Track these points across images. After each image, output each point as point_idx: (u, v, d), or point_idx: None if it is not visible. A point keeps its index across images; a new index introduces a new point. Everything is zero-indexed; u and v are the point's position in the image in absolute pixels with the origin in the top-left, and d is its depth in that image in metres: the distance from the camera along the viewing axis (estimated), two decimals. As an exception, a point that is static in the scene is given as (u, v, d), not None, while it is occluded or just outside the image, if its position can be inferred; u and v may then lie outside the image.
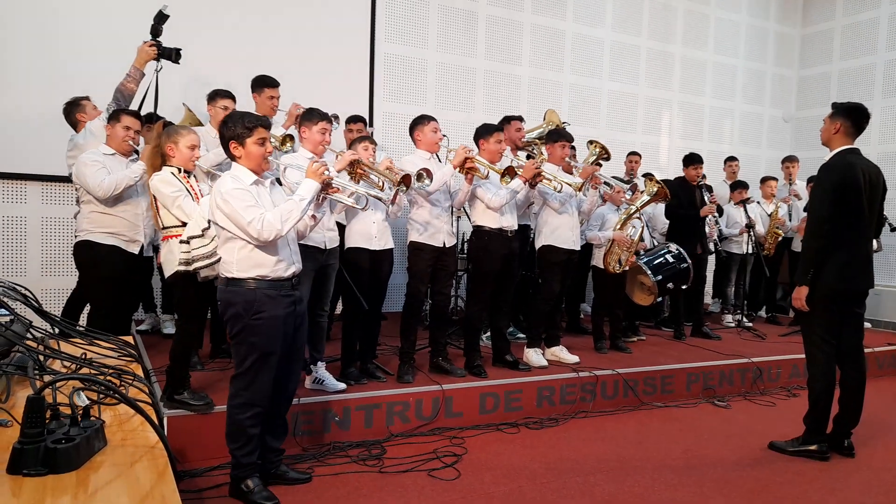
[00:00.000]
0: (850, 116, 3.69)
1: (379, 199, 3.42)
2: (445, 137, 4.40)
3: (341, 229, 4.05)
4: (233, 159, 2.83)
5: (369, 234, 4.02)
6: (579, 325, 6.20)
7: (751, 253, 6.83)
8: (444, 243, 4.23)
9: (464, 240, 5.98)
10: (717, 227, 6.53)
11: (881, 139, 8.35)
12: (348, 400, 3.76)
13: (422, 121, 4.25)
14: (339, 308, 4.49)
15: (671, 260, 5.59)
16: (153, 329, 5.24)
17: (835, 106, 3.78)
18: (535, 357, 4.69)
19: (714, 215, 6.31)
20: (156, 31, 4.25)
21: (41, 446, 1.27)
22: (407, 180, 3.56)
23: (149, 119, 4.24)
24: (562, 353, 4.86)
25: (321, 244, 3.72)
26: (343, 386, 3.83)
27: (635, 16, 8.27)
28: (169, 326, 5.13)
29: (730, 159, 7.52)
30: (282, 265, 2.82)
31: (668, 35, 8.53)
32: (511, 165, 4.30)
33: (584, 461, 3.59)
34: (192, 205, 3.25)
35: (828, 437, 3.79)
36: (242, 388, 2.82)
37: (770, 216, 7.00)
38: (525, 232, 5.14)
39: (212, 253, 3.08)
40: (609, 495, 3.17)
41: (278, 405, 3.00)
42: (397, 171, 3.69)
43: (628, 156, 7.06)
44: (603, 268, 5.34)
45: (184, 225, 3.24)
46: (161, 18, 4.25)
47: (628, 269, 5.35)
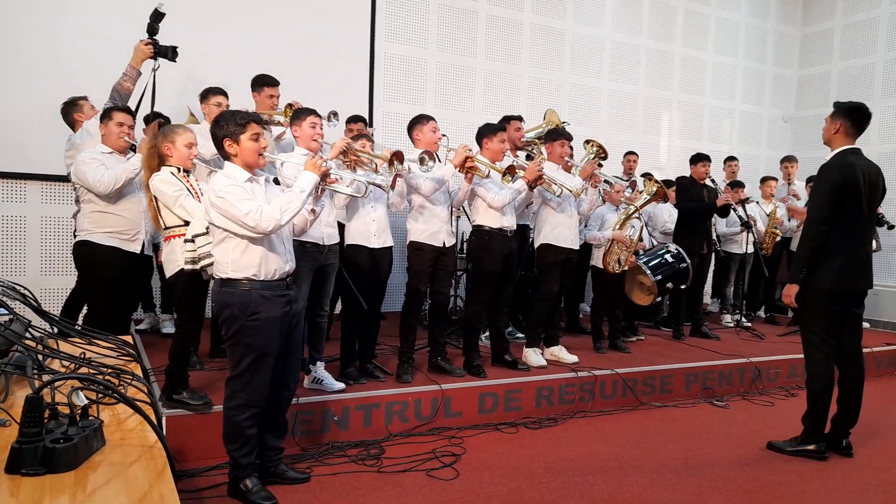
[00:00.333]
0: (849, 116, 3.69)
1: (379, 185, 3.40)
2: (445, 137, 4.40)
3: (341, 228, 4.05)
4: (227, 158, 2.82)
5: (368, 232, 4.02)
6: (578, 325, 6.21)
7: (750, 253, 6.84)
8: (444, 243, 4.23)
9: (463, 239, 5.98)
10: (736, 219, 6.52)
11: (881, 139, 8.35)
12: (347, 399, 3.76)
13: (420, 120, 4.25)
14: (338, 308, 4.49)
15: (670, 260, 5.59)
16: (152, 328, 5.24)
17: (836, 105, 3.78)
18: (533, 357, 4.69)
19: (733, 203, 6.31)
20: (152, 30, 4.23)
21: (39, 446, 1.27)
22: (399, 156, 3.57)
23: (148, 119, 4.23)
24: (561, 352, 4.86)
25: (319, 240, 3.71)
26: (342, 386, 3.83)
27: (635, 16, 8.27)
28: (168, 326, 5.13)
29: (729, 159, 7.52)
30: (277, 263, 2.81)
31: (667, 35, 8.52)
32: (512, 164, 4.30)
33: (582, 461, 3.59)
34: (194, 203, 3.24)
35: (826, 436, 3.79)
36: (239, 390, 2.81)
37: (769, 216, 7.00)
38: (524, 232, 5.14)
39: None
40: (608, 495, 3.17)
41: (278, 404, 3.00)
42: (389, 151, 3.70)
43: (626, 155, 7.07)
44: (602, 267, 5.34)
45: (186, 224, 3.24)
46: (157, 17, 4.23)
47: (627, 268, 5.35)
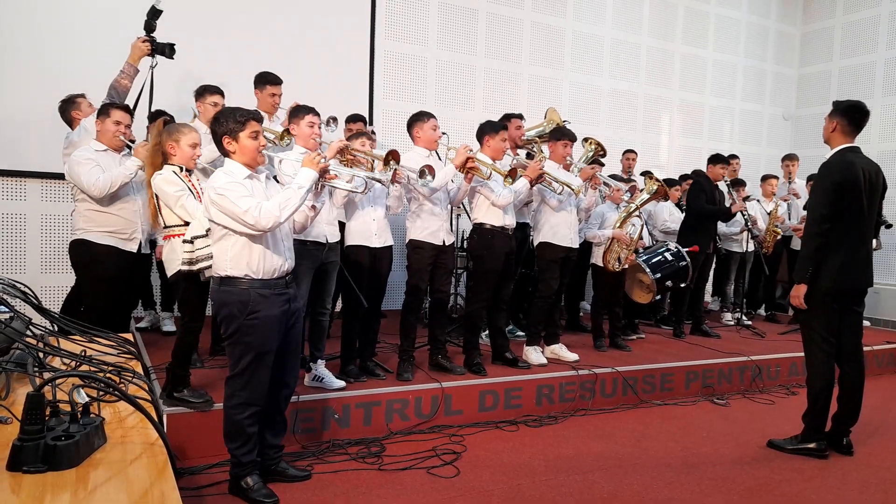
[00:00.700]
0: (846, 115, 3.69)
1: (379, 180, 3.39)
2: (445, 135, 4.40)
3: (341, 228, 4.05)
4: (226, 155, 2.82)
5: (369, 231, 4.02)
6: (579, 323, 6.21)
7: (750, 251, 6.84)
8: (444, 241, 4.23)
9: (463, 237, 5.98)
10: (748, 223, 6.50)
11: (881, 137, 8.35)
12: (348, 397, 3.76)
13: (421, 117, 4.23)
14: (338, 306, 4.49)
15: (670, 258, 5.59)
16: (152, 326, 5.24)
17: (834, 104, 3.79)
18: (534, 355, 4.69)
19: (745, 212, 6.31)
20: (150, 27, 4.21)
21: (41, 443, 1.27)
22: (395, 156, 3.57)
23: (153, 117, 4.22)
24: (561, 351, 4.86)
25: (322, 238, 3.71)
26: (342, 384, 3.83)
27: (635, 13, 8.27)
28: (168, 324, 5.13)
29: (731, 157, 7.50)
30: (276, 262, 2.81)
31: (668, 33, 8.52)
32: (514, 168, 4.30)
33: (583, 459, 3.59)
34: (195, 204, 3.23)
35: (826, 435, 3.79)
36: (239, 389, 2.81)
37: (769, 214, 7.00)
38: (524, 230, 5.14)
39: None
40: (608, 493, 3.17)
41: (278, 402, 3.00)
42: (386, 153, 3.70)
43: (625, 153, 7.06)
44: (602, 266, 5.34)
45: (186, 224, 3.23)
46: (155, 14, 4.21)
47: (627, 267, 5.35)
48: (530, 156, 5.17)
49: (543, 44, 7.67)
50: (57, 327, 2.31)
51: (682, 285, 5.69)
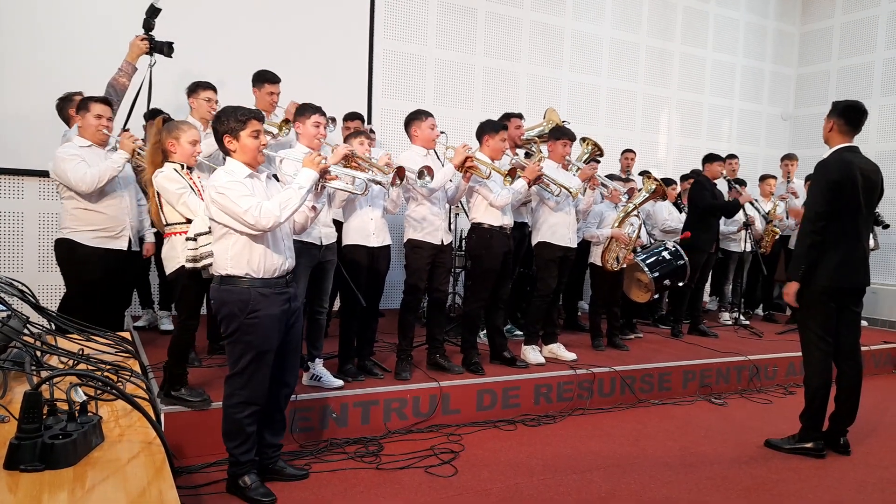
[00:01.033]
0: (843, 115, 3.70)
1: (380, 183, 3.38)
2: (444, 134, 4.39)
3: (339, 227, 4.05)
4: (227, 154, 2.82)
5: (367, 231, 4.02)
6: (577, 323, 6.21)
7: (748, 251, 6.85)
8: (442, 240, 4.23)
9: (461, 237, 5.98)
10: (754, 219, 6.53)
11: (879, 137, 8.36)
12: (345, 396, 3.76)
13: (419, 116, 4.22)
14: (336, 305, 4.48)
15: (668, 257, 5.60)
16: (150, 325, 5.23)
17: (833, 104, 3.80)
18: (532, 354, 4.69)
19: (754, 202, 6.33)
20: (148, 25, 4.21)
21: (38, 442, 1.27)
22: (401, 173, 3.55)
23: (151, 115, 4.22)
24: (559, 350, 4.86)
25: (317, 240, 3.72)
26: (340, 383, 3.83)
27: (634, 13, 8.27)
28: (166, 323, 5.12)
29: (730, 157, 7.51)
30: (276, 261, 2.81)
31: (667, 32, 8.52)
32: (513, 167, 4.30)
33: (580, 458, 3.60)
34: (198, 201, 3.22)
35: (824, 434, 3.80)
36: (239, 388, 2.81)
37: (768, 214, 7.01)
38: (522, 229, 5.14)
39: None
40: (606, 492, 3.18)
41: (277, 401, 3.00)
42: (392, 167, 3.68)
43: (623, 153, 7.06)
44: (601, 265, 5.34)
45: (188, 222, 3.22)
46: (153, 12, 4.21)
47: (626, 266, 5.36)
48: (529, 155, 5.17)
49: (542, 43, 7.67)
50: (54, 326, 2.30)
51: (681, 284, 5.70)
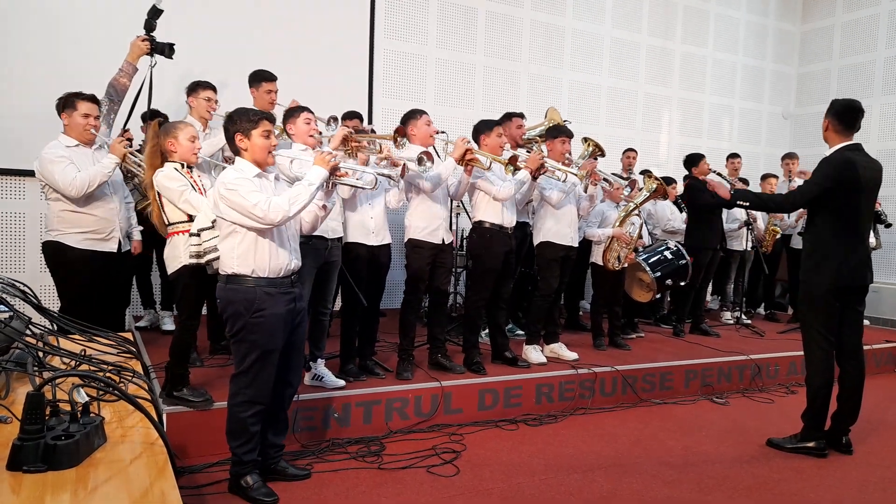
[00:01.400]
0: (837, 114, 3.69)
1: (389, 176, 3.38)
2: (444, 133, 4.39)
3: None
4: (237, 154, 2.84)
5: (367, 229, 4.02)
6: (578, 322, 6.21)
7: (750, 250, 6.84)
8: (443, 240, 4.23)
9: (462, 236, 5.98)
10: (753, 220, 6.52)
11: (880, 136, 8.34)
12: (347, 396, 3.76)
13: (414, 115, 4.21)
14: (337, 304, 4.48)
15: (669, 256, 5.60)
16: (152, 325, 5.24)
17: (831, 102, 3.79)
18: (533, 354, 4.69)
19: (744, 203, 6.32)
20: (150, 26, 4.21)
21: (41, 443, 1.27)
22: (402, 131, 3.58)
23: (150, 116, 4.22)
24: (561, 349, 4.86)
25: (326, 233, 3.69)
26: (342, 382, 3.83)
27: (635, 12, 8.26)
28: (168, 323, 5.12)
29: (732, 156, 7.48)
30: (282, 260, 2.81)
31: (667, 31, 8.52)
32: (515, 154, 4.29)
33: (582, 458, 3.60)
34: (199, 197, 3.23)
35: (826, 434, 3.80)
36: (244, 387, 2.81)
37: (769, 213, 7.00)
38: (524, 229, 5.14)
39: None
40: (608, 492, 3.17)
41: (280, 401, 3.00)
42: (393, 158, 3.71)
43: (625, 152, 7.05)
44: (602, 265, 5.34)
45: (190, 220, 3.23)
46: (155, 13, 4.21)
47: (627, 265, 5.35)
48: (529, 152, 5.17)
49: (543, 42, 7.66)
50: (56, 326, 2.31)
51: (682, 284, 5.69)
